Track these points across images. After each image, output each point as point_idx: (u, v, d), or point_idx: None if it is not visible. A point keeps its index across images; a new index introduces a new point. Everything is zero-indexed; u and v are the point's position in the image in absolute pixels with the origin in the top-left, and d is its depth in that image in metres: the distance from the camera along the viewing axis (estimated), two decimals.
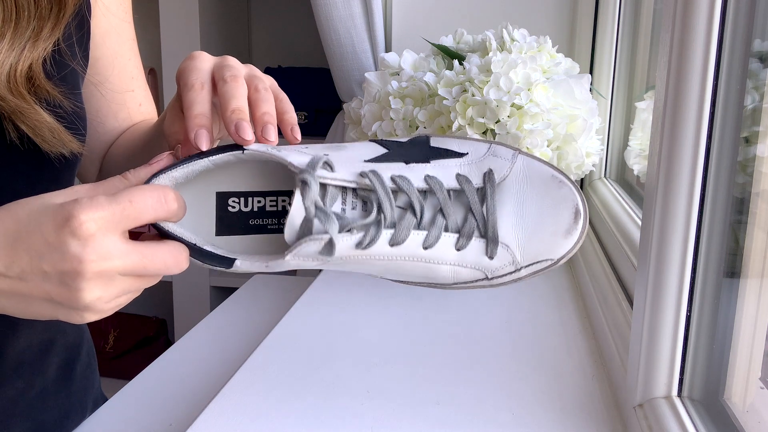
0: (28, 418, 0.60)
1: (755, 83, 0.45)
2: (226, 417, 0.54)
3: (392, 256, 0.45)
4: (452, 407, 0.55)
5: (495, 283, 0.49)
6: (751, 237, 0.46)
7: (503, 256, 0.47)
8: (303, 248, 0.44)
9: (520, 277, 0.48)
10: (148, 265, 0.42)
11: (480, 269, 0.47)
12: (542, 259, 0.47)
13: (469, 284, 0.49)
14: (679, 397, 0.49)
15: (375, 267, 0.46)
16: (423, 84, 0.83)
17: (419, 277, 0.48)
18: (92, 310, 0.41)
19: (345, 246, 0.44)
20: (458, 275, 0.48)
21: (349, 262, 0.45)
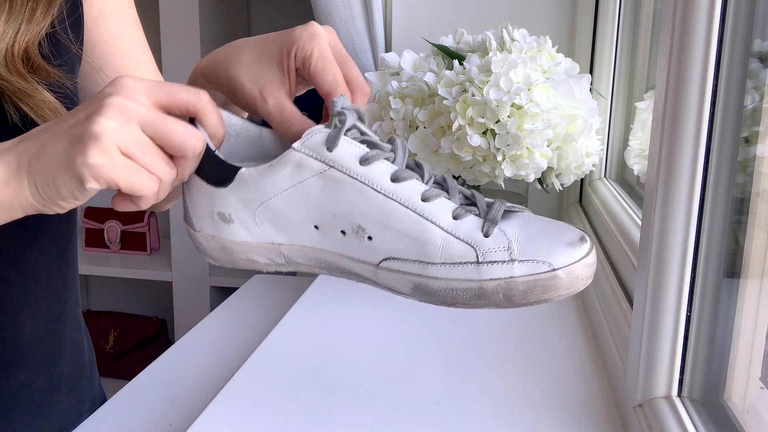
0: (28, 414, 0.60)
1: (755, 83, 0.45)
2: (226, 417, 0.54)
3: (390, 192, 0.44)
4: (452, 407, 0.55)
5: (484, 274, 0.44)
6: (751, 237, 0.46)
7: (499, 239, 0.44)
8: (311, 139, 0.45)
9: (513, 276, 0.44)
10: (167, 124, 0.43)
11: (472, 245, 0.44)
12: (540, 260, 0.43)
13: (456, 265, 0.44)
14: (679, 397, 0.49)
15: (368, 204, 0.45)
16: (423, 84, 0.83)
17: (410, 236, 0.45)
18: (100, 142, 0.40)
19: (348, 153, 0.44)
20: (448, 246, 0.45)
21: (345, 185, 0.45)
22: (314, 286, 0.83)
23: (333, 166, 0.45)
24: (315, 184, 0.45)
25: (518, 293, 0.44)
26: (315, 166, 0.45)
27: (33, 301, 0.59)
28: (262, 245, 0.48)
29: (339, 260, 0.47)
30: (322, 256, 0.47)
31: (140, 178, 0.42)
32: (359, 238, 0.46)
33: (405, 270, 0.45)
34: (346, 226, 0.46)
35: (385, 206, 0.45)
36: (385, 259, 0.46)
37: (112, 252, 2.12)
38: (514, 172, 0.80)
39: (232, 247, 0.49)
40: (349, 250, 0.46)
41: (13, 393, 0.59)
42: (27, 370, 0.60)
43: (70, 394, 0.65)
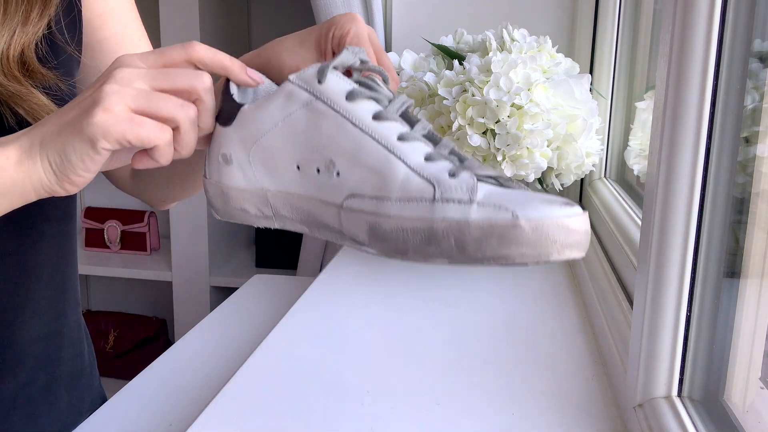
0: (27, 413, 0.60)
1: (755, 83, 0.45)
2: (226, 417, 0.54)
3: (367, 128, 0.44)
4: (452, 407, 0.55)
5: (437, 212, 0.40)
6: (751, 237, 0.46)
7: (465, 180, 0.40)
8: (307, 71, 0.45)
9: (468, 217, 0.38)
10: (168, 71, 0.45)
11: (432, 182, 0.41)
12: (504, 206, 0.38)
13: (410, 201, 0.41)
14: (679, 397, 0.49)
15: (344, 138, 0.44)
16: (423, 84, 0.83)
17: (374, 170, 0.43)
18: (104, 103, 0.42)
19: (336, 86, 0.45)
20: (407, 182, 0.41)
21: (327, 117, 0.45)
22: (314, 286, 0.84)
23: (319, 97, 0.45)
24: (301, 116, 0.45)
25: (471, 240, 0.38)
26: (303, 97, 0.45)
27: (32, 301, 0.59)
28: (252, 192, 0.48)
29: (313, 207, 0.46)
30: (301, 204, 0.47)
31: (147, 128, 0.43)
32: (329, 175, 0.44)
33: (363, 208, 0.43)
34: (321, 161, 0.45)
35: (359, 140, 0.44)
36: (347, 197, 0.44)
37: (112, 252, 2.12)
38: (514, 172, 0.80)
39: (228, 193, 0.49)
40: (321, 190, 0.45)
41: (13, 393, 0.59)
42: (26, 369, 0.60)
43: (70, 393, 0.65)
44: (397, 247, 0.41)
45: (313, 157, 0.45)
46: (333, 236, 0.46)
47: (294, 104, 0.46)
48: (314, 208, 0.46)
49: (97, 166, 0.44)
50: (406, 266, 0.90)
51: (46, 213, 0.59)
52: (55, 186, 0.45)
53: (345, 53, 0.46)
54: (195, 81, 0.45)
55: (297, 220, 0.48)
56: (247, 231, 2.20)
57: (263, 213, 0.49)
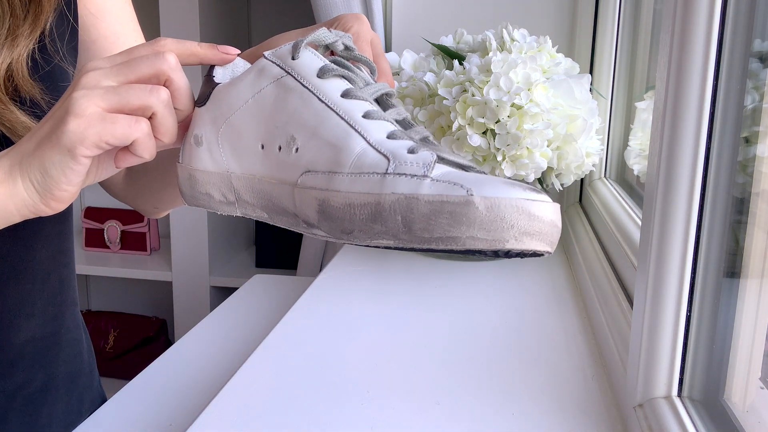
0: (26, 414, 0.60)
1: (755, 83, 0.45)
2: (226, 417, 0.54)
3: (333, 103, 0.42)
4: (452, 407, 0.55)
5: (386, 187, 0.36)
6: (751, 237, 0.46)
7: (423, 157, 0.37)
8: (283, 48, 0.45)
9: (418, 192, 0.35)
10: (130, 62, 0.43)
11: (388, 156, 0.38)
12: (458, 183, 0.35)
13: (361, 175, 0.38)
14: (679, 397, 0.49)
15: (307, 112, 0.42)
16: (423, 84, 0.83)
17: (330, 144, 0.40)
18: (74, 110, 0.41)
19: (309, 63, 0.44)
20: (362, 156, 0.39)
21: (294, 93, 0.43)
22: (314, 286, 0.84)
23: (290, 72, 0.44)
24: (270, 92, 0.44)
25: (419, 217, 0.35)
26: (274, 72, 0.44)
27: (28, 301, 0.59)
28: (218, 175, 0.47)
29: (272, 190, 0.44)
30: (261, 187, 0.45)
31: (121, 123, 0.42)
32: (289, 152, 0.42)
33: (314, 185, 0.40)
34: (282, 138, 0.43)
35: (321, 114, 0.42)
36: (302, 174, 0.41)
37: (112, 252, 2.12)
38: (514, 172, 0.80)
39: (195, 176, 0.48)
40: (279, 170, 0.43)
41: (11, 393, 0.59)
42: (24, 370, 0.60)
43: (69, 394, 0.65)
44: (344, 227, 0.38)
45: (276, 133, 0.43)
46: (290, 222, 0.43)
47: (265, 80, 0.44)
48: (273, 190, 0.43)
49: (80, 177, 0.43)
50: (406, 266, 0.90)
51: None
52: (39, 205, 0.44)
53: (322, 31, 0.45)
54: (159, 63, 0.44)
55: (258, 205, 0.45)
56: (247, 231, 2.20)
57: (226, 198, 0.47)
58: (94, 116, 0.42)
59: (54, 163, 0.42)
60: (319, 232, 0.41)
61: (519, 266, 0.92)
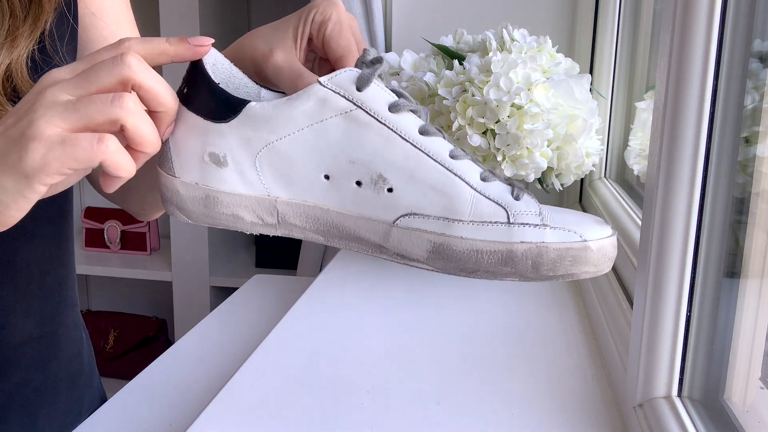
0: (25, 414, 0.60)
1: (755, 83, 0.45)
2: (226, 417, 0.54)
3: (418, 143, 0.42)
4: (452, 407, 0.55)
5: (515, 236, 0.41)
6: (751, 237, 0.46)
7: (529, 203, 0.42)
8: (340, 75, 0.42)
9: (545, 241, 0.41)
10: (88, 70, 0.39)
11: (502, 205, 0.42)
12: (571, 229, 0.41)
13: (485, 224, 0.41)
14: (679, 397, 0.49)
15: (394, 152, 0.42)
16: (423, 84, 0.83)
17: (436, 190, 0.42)
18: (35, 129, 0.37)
19: (378, 96, 0.42)
20: (477, 204, 0.42)
21: (371, 129, 0.42)
22: (314, 286, 0.83)
23: (361, 106, 0.42)
24: (337, 125, 0.42)
25: (548, 261, 0.41)
26: (341, 104, 0.42)
27: (25, 301, 0.59)
28: (256, 198, 0.44)
29: (344, 221, 0.43)
30: (324, 215, 0.43)
31: (82, 144, 0.37)
32: (377, 190, 0.42)
33: (426, 228, 0.42)
34: (364, 175, 0.42)
35: (413, 156, 0.42)
36: (404, 216, 0.42)
37: (112, 252, 2.12)
38: (514, 172, 0.80)
39: (217, 198, 0.44)
40: (361, 205, 0.43)
41: (9, 393, 0.59)
42: (21, 370, 0.60)
43: (69, 394, 0.65)
44: (465, 267, 0.42)
45: (351, 169, 0.42)
46: (364, 248, 0.44)
47: (328, 111, 0.42)
48: (346, 222, 0.43)
49: (32, 203, 0.39)
50: (406, 267, 0.90)
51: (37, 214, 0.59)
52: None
53: (383, 60, 0.44)
54: (119, 68, 0.38)
55: (312, 229, 0.44)
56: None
57: (263, 220, 0.44)
58: (54, 139, 0.37)
59: (5, 189, 0.37)
60: (422, 266, 0.43)
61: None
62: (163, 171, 0.45)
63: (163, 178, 0.45)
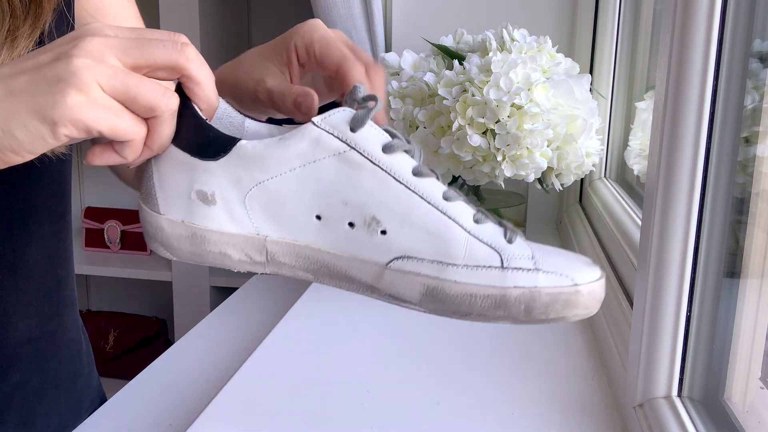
0: (24, 414, 0.60)
1: (755, 83, 0.45)
2: (226, 417, 0.54)
3: (412, 185, 0.42)
4: (452, 407, 0.55)
5: (509, 280, 0.41)
6: (751, 237, 0.46)
7: (522, 247, 0.42)
8: (334, 116, 0.42)
9: (538, 285, 0.41)
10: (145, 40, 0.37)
11: (496, 250, 0.42)
12: (562, 273, 0.41)
13: (479, 268, 0.42)
14: (679, 397, 0.49)
15: (388, 195, 0.42)
16: (423, 84, 0.83)
17: (431, 233, 0.42)
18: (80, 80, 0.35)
19: (372, 136, 0.42)
20: (472, 248, 0.42)
21: (365, 171, 0.42)
22: (314, 286, 0.83)
23: (354, 147, 0.41)
24: (330, 165, 0.42)
25: (540, 306, 0.41)
26: (334, 145, 0.41)
27: (23, 302, 0.59)
28: (244, 237, 0.43)
29: (336, 261, 0.44)
30: (315, 255, 0.43)
31: (125, 120, 0.37)
32: (370, 233, 0.42)
33: (419, 271, 0.42)
34: (357, 217, 0.42)
35: (407, 199, 0.42)
36: (396, 258, 0.42)
37: (112, 252, 2.12)
38: (514, 172, 0.80)
39: (205, 236, 0.43)
40: (354, 247, 0.43)
41: (8, 394, 0.59)
42: (20, 370, 0.60)
43: (68, 394, 0.65)
44: (459, 310, 0.42)
45: (343, 210, 0.42)
46: (355, 288, 0.44)
47: (321, 152, 0.41)
48: (337, 263, 0.43)
49: (47, 149, 0.37)
50: None
51: (36, 214, 0.59)
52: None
53: (377, 100, 0.43)
54: (178, 53, 0.38)
55: (301, 268, 0.44)
56: None
57: (252, 259, 0.44)
58: (100, 100, 0.36)
59: (26, 128, 0.36)
60: (415, 307, 0.43)
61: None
62: (146, 207, 0.44)
63: (146, 215, 0.44)
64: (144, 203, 0.44)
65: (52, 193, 0.60)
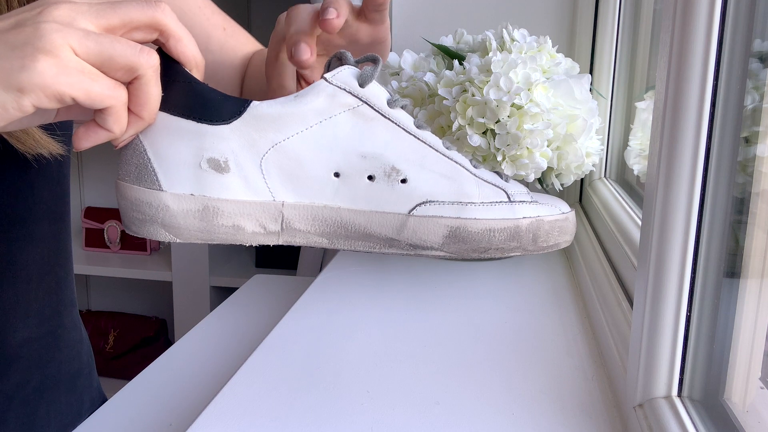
0: (24, 414, 0.60)
1: (755, 83, 0.45)
2: (226, 417, 0.54)
3: (419, 135, 0.44)
4: (452, 407, 0.55)
5: (518, 212, 0.45)
6: (751, 237, 0.46)
7: (517, 185, 0.47)
8: (342, 72, 0.42)
9: (540, 214, 0.45)
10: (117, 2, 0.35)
11: (501, 188, 0.46)
12: (552, 204, 0.47)
13: (493, 204, 0.44)
14: (679, 397, 0.49)
15: (402, 144, 0.43)
16: (423, 84, 0.83)
17: (446, 176, 0.44)
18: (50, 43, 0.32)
19: (378, 92, 0.43)
20: (482, 187, 0.45)
21: (378, 123, 0.43)
22: (314, 286, 0.84)
23: (366, 102, 0.42)
24: (346, 120, 0.42)
25: (543, 233, 0.46)
26: (348, 101, 0.42)
27: (23, 302, 0.59)
28: (260, 205, 0.42)
29: (356, 218, 0.43)
30: (334, 215, 0.43)
31: (101, 83, 0.34)
32: (391, 183, 0.42)
33: (442, 214, 0.43)
34: (376, 169, 0.42)
35: (419, 148, 0.44)
36: (419, 205, 0.43)
37: (112, 252, 2.12)
38: (514, 172, 0.80)
39: (218, 207, 0.41)
40: (375, 199, 0.43)
41: (7, 394, 0.59)
42: (20, 371, 0.60)
43: (68, 394, 0.65)
44: (479, 247, 0.45)
45: (362, 164, 0.42)
46: (372, 245, 0.44)
47: (336, 107, 0.42)
48: (357, 219, 0.43)
49: (7, 121, 0.33)
50: (405, 266, 0.90)
51: (35, 214, 0.59)
52: None
53: (378, 61, 0.45)
54: (153, 9, 0.36)
55: (317, 233, 0.43)
56: None
57: (266, 229, 0.42)
58: (72, 64, 0.33)
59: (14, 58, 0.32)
60: (436, 253, 0.45)
61: (519, 266, 0.92)
62: (140, 186, 0.41)
63: (141, 194, 0.41)
64: (134, 182, 0.41)
65: (51, 194, 0.60)
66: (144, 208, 0.41)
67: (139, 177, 0.40)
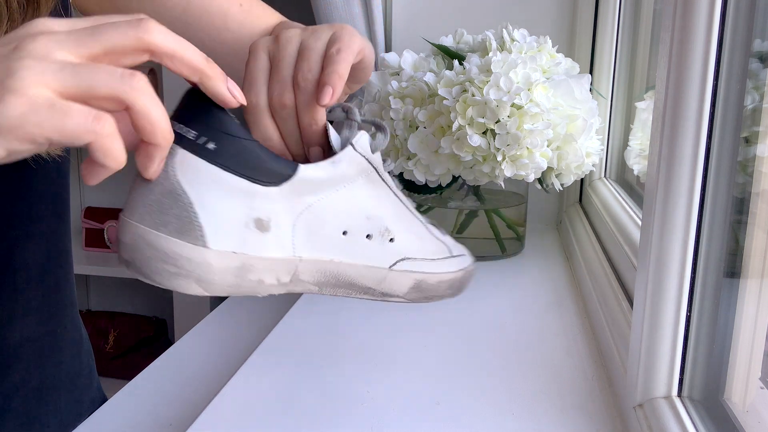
0: (24, 414, 0.60)
1: (755, 83, 0.45)
2: (226, 417, 0.54)
3: (400, 196, 0.48)
4: (452, 407, 0.55)
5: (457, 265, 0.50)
6: (751, 237, 0.46)
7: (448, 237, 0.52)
8: (361, 139, 0.44)
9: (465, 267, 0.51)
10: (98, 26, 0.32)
11: (444, 243, 0.50)
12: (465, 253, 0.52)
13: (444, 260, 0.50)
14: (679, 397, 0.49)
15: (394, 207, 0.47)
16: (423, 84, 0.83)
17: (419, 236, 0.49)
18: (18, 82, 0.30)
19: (378, 157, 0.46)
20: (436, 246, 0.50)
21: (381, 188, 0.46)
22: None
23: (376, 168, 0.46)
24: (363, 185, 0.45)
25: (465, 282, 0.51)
26: (364, 166, 0.45)
27: (23, 302, 0.59)
28: (284, 261, 0.42)
29: (348, 271, 0.46)
30: (334, 269, 0.45)
31: (75, 116, 0.31)
32: (382, 242, 0.46)
33: (413, 269, 0.48)
34: (375, 229, 0.46)
35: (402, 210, 0.48)
36: (399, 260, 0.47)
37: (112, 252, 2.12)
38: (514, 172, 0.80)
39: (252, 265, 0.41)
40: (367, 256, 0.46)
41: (7, 394, 0.59)
42: (19, 371, 0.60)
43: (68, 394, 0.65)
44: (429, 295, 0.49)
45: (365, 224, 0.46)
46: (352, 293, 0.47)
47: (357, 172, 0.44)
48: (349, 271, 0.46)
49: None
50: None
51: (34, 213, 0.59)
52: None
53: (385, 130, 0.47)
54: (136, 29, 0.32)
55: (314, 282, 0.45)
56: None
57: (279, 281, 0.43)
58: (41, 101, 0.30)
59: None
60: (398, 300, 0.49)
61: (519, 266, 0.92)
62: (181, 240, 0.38)
63: (182, 249, 0.38)
64: (176, 236, 0.38)
65: (50, 194, 0.60)
66: (182, 263, 0.39)
67: (181, 230, 0.38)
